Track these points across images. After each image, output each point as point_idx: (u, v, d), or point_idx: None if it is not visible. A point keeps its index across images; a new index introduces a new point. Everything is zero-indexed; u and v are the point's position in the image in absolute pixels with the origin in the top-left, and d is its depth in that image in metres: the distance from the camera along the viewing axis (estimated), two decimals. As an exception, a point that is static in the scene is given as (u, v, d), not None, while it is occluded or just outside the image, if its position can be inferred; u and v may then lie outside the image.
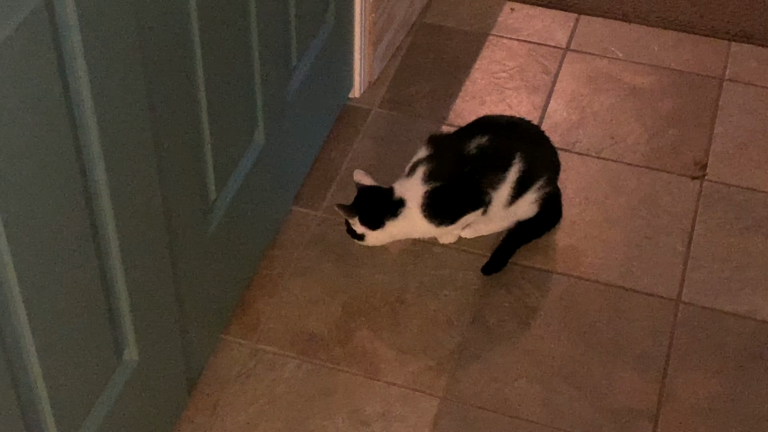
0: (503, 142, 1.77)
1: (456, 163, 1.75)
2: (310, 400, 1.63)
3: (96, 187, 1.20)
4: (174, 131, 1.38)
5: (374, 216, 1.75)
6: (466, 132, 1.81)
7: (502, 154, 1.76)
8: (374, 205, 1.76)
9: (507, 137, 1.79)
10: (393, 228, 1.76)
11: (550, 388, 1.66)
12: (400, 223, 1.75)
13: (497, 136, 1.77)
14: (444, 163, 1.75)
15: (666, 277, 1.82)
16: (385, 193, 1.77)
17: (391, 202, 1.75)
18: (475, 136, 1.77)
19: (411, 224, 1.76)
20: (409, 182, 1.76)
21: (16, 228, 1.05)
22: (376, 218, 1.75)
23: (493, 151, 1.75)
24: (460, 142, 1.77)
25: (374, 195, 1.77)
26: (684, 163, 2.02)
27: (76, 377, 1.26)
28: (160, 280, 1.42)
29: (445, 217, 1.76)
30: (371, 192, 1.78)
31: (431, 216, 1.75)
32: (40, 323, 1.14)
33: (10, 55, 0.98)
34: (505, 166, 1.75)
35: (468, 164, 1.74)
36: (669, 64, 2.24)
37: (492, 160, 1.75)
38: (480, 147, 1.75)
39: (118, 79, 1.18)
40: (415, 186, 1.75)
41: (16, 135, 1.02)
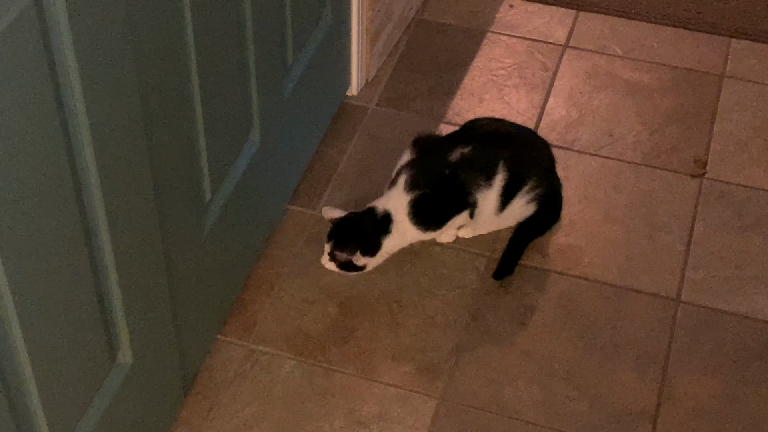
0: (486, 151, 1.75)
1: (438, 169, 1.74)
2: (306, 400, 1.62)
3: (88, 188, 1.19)
4: (168, 130, 1.36)
5: (372, 241, 1.72)
6: (450, 139, 1.79)
7: (485, 163, 1.74)
8: (365, 231, 1.72)
9: (491, 144, 1.77)
10: (389, 244, 1.73)
11: (548, 388, 1.64)
12: (394, 237, 1.73)
13: (481, 145, 1.75)
14: (426, 169, 1.74)
15: (665, 277, 1.81)
16: (369, 215, 1.73)
17: (378, 220, 1.72)
18: (459, 144, 1.75)
19: (403, 235, 1.74)
20: (392, 193, 1.74)
21: (7, 230, 1.04)
22: (374, 242, 1.72)
23: (476, 159, 1.74)
24: (443, 149, 1.75)
25: (358, 221, 1.74)
26: (684, 161, 2.01)
27: (69, 380, 1.25)
28: (155, 281, 1.41)
29: (431, 223, 1.75)
30: (353, 220, 1.74)
31: (418, 223, 1.73)
32: (32, 325, 1.13)
33: (0, 54, 0.97)
34: (489, 175, 1.74)
35: (450, 169, 1.73)
36: (669, 61, 2.22)
37: (476, 167, 1.74)
38: (463, 155, 1.73)
39: (109, 78, 1.17)
40: (398, 196, 1.73)
41: (6, 135, 1.01)
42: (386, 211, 1.72)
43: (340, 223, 1.74)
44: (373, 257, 1.73)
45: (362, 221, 1.73)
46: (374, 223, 1.72)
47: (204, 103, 1.46)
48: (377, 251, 1.72)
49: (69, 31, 1.07)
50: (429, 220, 1.75)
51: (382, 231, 1.72)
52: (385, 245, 1.73)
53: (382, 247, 1.72)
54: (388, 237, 1.72)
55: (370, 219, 1.73)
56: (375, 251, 1.72)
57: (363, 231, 1.72)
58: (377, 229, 1.72)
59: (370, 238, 1.72)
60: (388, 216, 1.72)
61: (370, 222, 1.72)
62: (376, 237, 1.72)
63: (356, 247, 1.71)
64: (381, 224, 1.72)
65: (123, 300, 1.32)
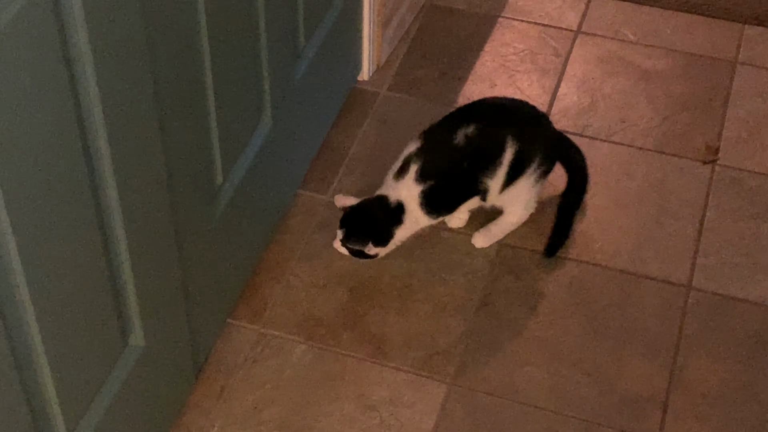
0: (493, 129, 1.74)
1: (447, 157, 1.72)
2: (316, 384, 1.62)
3: (101, 172, 1.19)
4: (180, 115, 1.37)
5: (384, 232, 1.71)
6: (454, 120, 1.76)
7: (493, 142, 1.73)
8: (378, 221, 1.71)
9: (496, 122, 1.76)
10: (401, 233, 1.72)
11: (558, 374, 1.64)
12: (406, 227, 1.72)
13: (486, 124, 1.74)
14: (435, 157, 1.72)
15: (676, 263, 1.80)
16: (382, 204, 1.72)
17: (391, 210, 1.71)
18: (463, 125, 1.72)
19: (415, 223, 1.73)
20: (403, 183, 1.72)
21: (21, 214, 1.04)
22: (386, 233, 1.71)
23: (483, 139, 1.72)
24: (449, 133, 1.73)
25: (371, 210, 1.72)
26: (696, 147, 2.00)
27: (81, 362, 1.25)
28: (167, 265, 1.41)
29: (443, 210, 1.75)
30: (366, 209, 1.73)
31: (430, 212, 1.72)
32: (45, 308, 1.13)
33: (15, 37, 0.97)
34: (498, 153, 1.73)
35: (460, 157, 1.71)
36: (681, 47, 2.21)
37: (484, 148, 1.72)
38: (469, 137, 1.71)
39: (122, 63, 1.17)
40: (409, 186, 1.71)
41: (20, 119, 1.01)
42: (399, 202, 1.71)
43: (353, 211, 1.73)
44: (384, 247, 1.72)
45: (375, 211, 1.72)
46: (387, 212, 1.71)
47: (216, 87, 1.46)
48: (389, 241, 1.72)
49: (83, 15, 1.07)
50: (441, 208, 1.74)
51: (394, 221, 1.71)
52: (397, 235, 1.72)
53: (394, 236, 1.72)
54: (401, 227, 1.72)
55: (383, 208, 1.72)
56: (387, 241, 1.72)
57: (375, 221, 1.71)
58: (390, 219, 1.71)
59: (382, 229, 1.71)
60: (401, 206, 1.71)
61: (382, 212, 1.71)
62: (389, 227, 1.71)
63: (368, 238, 1.70)
64: (394, 214, 1.71)
65: (135, 283, 1.32)
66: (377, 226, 1.71)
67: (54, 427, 1.23)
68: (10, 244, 1.05)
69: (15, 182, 1.02)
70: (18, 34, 0.98)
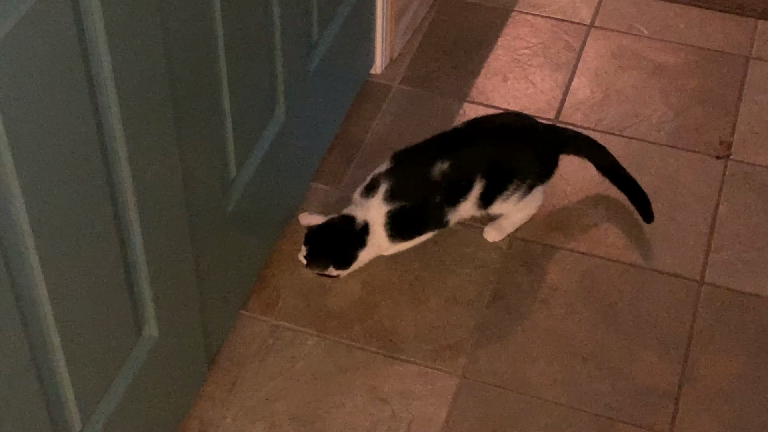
0: (464, 162, 1.70)
1: (420, 186, 1.69)
2: (328, 377, 1.63)
3: (116, 164, 1.20)
4: (194, 107, 1.37)
5: (346, 255, 1.69)
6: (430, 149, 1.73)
7: (462, 177, 1.69)
8: (341, 243, 1.69)
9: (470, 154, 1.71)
10: (364, 256, 1.70)
11: (570, 368, 1.65)
12: (369, 249, 1.70)
13: (458, 156, 1.69)
14: (407, 182, 1.69)
15: (689, 258, 1.80)
16: (347, 225, 1.68)
17: (356, 232, 1.68)
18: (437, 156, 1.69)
19: (377, 247, 1.71)
20: (370, 202, 1.69)
21: (38, 208, 1.05)
22: (349, 256, 1.69)
23: (455, 175, 1.69)
24: (424, 162, 1.70)
25: (335, 232, 1.69)
26: (708, 142, 2.00)
27: (96, 352, 1.26)
28: (180, 256, 1.42)
29: (406, 235, 1.72)
30: (330, 230, 1.70)
31: (392, 235, 1.70)
32: (61, 299, 1.14)
33: (32, 29, 0.97)
34: (464, 191, 1.70)
35: (433, 189, 1.68)
36: (695, 42, 2.21)
37: (455, 185, 1.69)
38: (444, 173, 1.68)
39: (138, 56, 1.18)
40: (376, 205, 1.68)
41: (37, 110, 1.02)
42: (365, 222, 1.68)
43: (317, 230, 1.70)
44: (347, 269, 1.71)
45: (339, 232, 1.69)
46: (351, 234, 1.68)
47: (230, 80, 1.46)
48: (351, 263, 1.70)
49: (99, 7, 1.07)
50: (404, 233, 1.71)
51: (358, 243, 1.68)
52: (360, 257, 1.70)
53: (356, 259, 1.70)
54: (364, 249, 1.69)
55: (347, 230, 1.68)
56: (349, 264, 1.70)
57: (338, 243, 1.69)
58: (354, 241, 1.68)
59: (345, 251, 1.69)
60: (366, 227, 1.68)
61: (347, 233, 1.68)
62: (352, 249, 1.69)
63: (330, 261, 1.69)
64: (358, 236, 1.68)
65: (149, 275, 1.33)
66: (340, 248, 1.69)
67: (69, 417, 1.24)
68: (27, 238, 1.06)
69: (32, 176, 1.03)
70: (35, 27, 0.98)
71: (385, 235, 1.70)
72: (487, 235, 1.81)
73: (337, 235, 1.69)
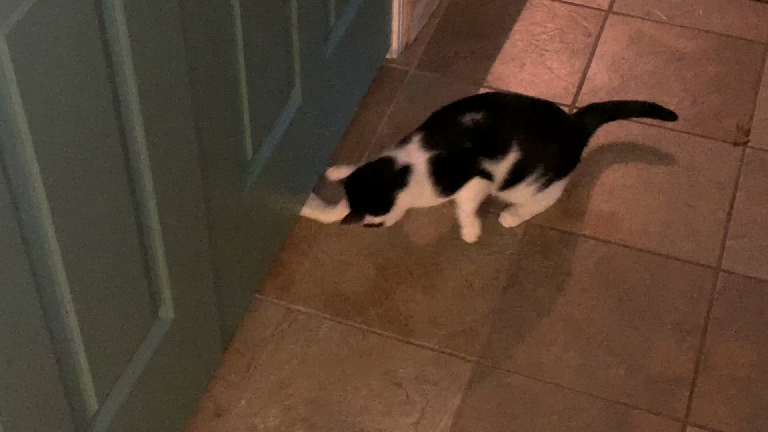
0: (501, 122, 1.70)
1: (451, 132, 1.68)
2: (343, 361, 1.63)
3: (134, 146, 1.20)
4: (212, 90, 1.37)
5: (384, 197, 1.65)
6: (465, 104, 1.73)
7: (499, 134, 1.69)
8: (378, 186, 1.65)
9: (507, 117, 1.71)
10: (405, 198, 1.66)
11: (585, 354, 1.64)
12: (411, 191, 1.65)
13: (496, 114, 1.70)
14: (440, 130, 1.68)
15: (706, 245, 1.79)
16: (386, 165, 1.65)
17: (396, 172, 1.64)
18: (474, 110, 1.69)
19: (420, 191, 1.67)
20: (409, 147, 1.67)
21: (56, 187, 1.05)
22: (387, 198, 1.65)
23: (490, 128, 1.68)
24: (458, 113, 1.70)
25: (373, 174, 1.67)
26: (726, 129, 1.99)
27: (113, 334, 1.26)
28: (196, 239, 1.42)
29: (450, 182, 1.68)
30: (366, 174, 1.67)
31: (437, 182, 1.66)
32: (77, 280, 1.14)
33: (51, 11, 0.97)
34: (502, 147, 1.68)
35: (464, 135, 1.67)
36: (713, 28, 2.19)
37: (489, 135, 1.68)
38: (477, 122, 1.67)
39: (157, 38, 1.17)
40: (415, 151, 1.66)
41: (56, 93, 1.02)
42: (406, 165, 1.65)
43: (354, 176, 1.67)
44: (387, 214, 1.67)
45: (376, 173, 1.66)
46: (391, 174, 1.64)
47: (247, 62, 1.46)
48: (391, 207, 1.65)
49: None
50: (445, 181, 1.67)
51: (398, 184, 1.64)
52: (401, 199, 1.65)
53: (397, 201, 1.65)
54: (405, 190, 1.65)
55: (387, 170, 1.64)
56: (387, 208, 1.65)
57: (372, 186, 1.65)
58: (392, 183, 1.64)
59: (380, 196, 1.65)
60: (407, 169, 1.64)
61: (386, 173, 1.64)
62: (390, 192, 1.64)
63: (364, 212, 1.65)
64: (399, 176, 1.64)
65: (166, 256, 1.33)
66: (378, 190, 1.65)
67: (85, 398, 1.24)
68: (46, 221, 1.06)
69: (50, 156, 1.03)
70: (55, 11, 0.98)
71: (429, 183, 1.66)
72: (503, 220, 1.81)
73: (374, 180, 1.66)
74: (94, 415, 1.27)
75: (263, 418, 1.56)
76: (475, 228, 1.77)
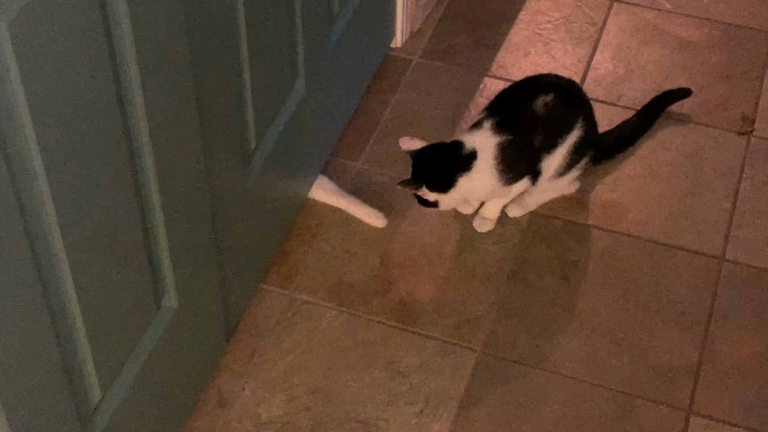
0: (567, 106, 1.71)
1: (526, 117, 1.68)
2: (347, 350, 1.63)
3: (137, 136, 1.20)
4: (215, 79, 1.37)
5: (444, 176, 1.65)
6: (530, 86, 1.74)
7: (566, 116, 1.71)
8: (442, 165, 1.66)
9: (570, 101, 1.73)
10: (465, 184, 1.66)
11: (589, 343, 1.64)
12: (473, 177, 1.65)
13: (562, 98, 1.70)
14: (513, 113, 1.69)
15: (710, 235, 1.79)
16: (454, 148, 1.66)
17: (462, 156, 1.65)
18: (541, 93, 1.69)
19: (482, 179, 1.66)
20: (479, 132, 1.68)
21: (58, 177, 1.05)
22: (447, 178, 1.65)
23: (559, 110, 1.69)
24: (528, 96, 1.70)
25: (439, 153, 1.67)
26: (731, 118, 1.98)
27: (116, 323, 1.26)
28: (200, 229, 1.42)
29: (510, 174, 1.67)
30: (434, 151, 1.68)
31: (504, 170, 1.66)
32: (81, 269, 1.14)
33: (54, 2, 0.97)
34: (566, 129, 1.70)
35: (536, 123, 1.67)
36: (719, 17, 2.18)
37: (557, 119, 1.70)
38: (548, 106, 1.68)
39: (160, 27, 1.17)
40: (485, 135, 1.66)
41: (58, 81, 1.01)
42: (474, 150, 1.65)
43: (422, 152, 1.68)
44: (444, 194, 1.66)
45: (444, 152, 1.66)
46: (457, 157, 1.64)
47: (251, 51, 1.45)
48: (450, 188, 1.65)
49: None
50: (509, 169, 1.67)
51: (462, 167, 1.64)
52: (461, 183, 1.65)
53: (457, 184, 1.65)
54: (468, 175, 1.65)
55: (455, 152, 1.65)
56: (447, 188, 1.65)
57: (438, 163, 1.65)
58: (456, 165, 1.64)
59: (443, 173, 1.65)
60: (473, 153, 1.64)
61: (453, 155, 1.65)
62: (453, 173, 1.64)
63: (422, 182, 1.65)
64: (464, 160, 1.64)
65: (169, 246, 1.33)
66: (438, 169, 1.65)
67: (89, 387, 1.24)
68: (49, 211, 1.06)
69: (52, 145, 1.03)
70: None
71: (495, 170, 1.66)
72: (508, 210, 1.81)
73: (441, 156, 1.66)
74: (97, 405, 1.27)
75: (267, 407, 1.56)
76: (494, 221, 1.78)
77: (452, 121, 1.96)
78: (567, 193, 1.82)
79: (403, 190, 1.70)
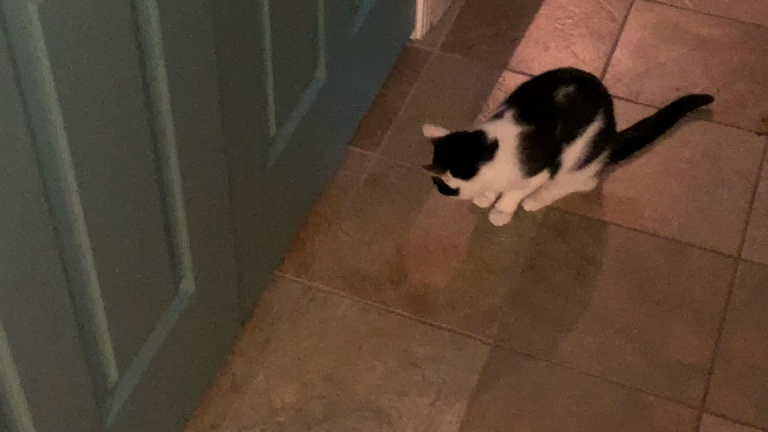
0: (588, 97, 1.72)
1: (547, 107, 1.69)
2: (360, 339, 1.64)
3: (160, 121, 1.20)
4: (237, 66, 1.37)
5: (468, 164, 1.65)
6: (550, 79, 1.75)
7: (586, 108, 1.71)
8: (465, 152, 1.66)
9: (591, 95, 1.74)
10: (487, 173, 1.66)
11: (602, 339, 1.64)
12: (495, 167, 1.66)
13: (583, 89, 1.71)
14: (535, 104, 1.70)
15: (726, 234, 1.79)
16: (477, 137, 1.67)
17: (485, 145, 1.65)
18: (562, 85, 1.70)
19: (503, 169, 1.67)
20: (500, 122, 1.69)
21: (83, 160, 1.06)
22: (470, 165, 1.65)
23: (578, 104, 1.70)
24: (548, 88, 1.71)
25: (463, 141, 1.68)
26: (750, 118, 1.98)
27: (134, 306, 1.27)
28: (219, 214, 1.43)
29: (531, 165, 1.68)
30: (458, 139, 1.68)
31: (525, 160, 1.67)
32: (101, 252, 1.15)
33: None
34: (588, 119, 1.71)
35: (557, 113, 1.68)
36: (740, 16, 2.18)
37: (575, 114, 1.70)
38: (569, 96, 1.69)
39: (185, 14, 1.18)
40: (507, 125, 1.67)
41: (85, 62, 1.02)
42: (496, 139, 1.66)
43: (445, 139, 1.68)
44: (467, 181, 1.66)
45: (467, 140, 1.67)
46: (480, 146, 1.65)
47: (273, 39, 1.46)
48: (472, 176, 1.65)
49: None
50: (530, 160, 1.68)
51: (485, 156, 1.65)
52: (483, 172, 1.65)
53: (479, 172, 1.65)
54: (490, 164, 1.65)
55: (478, 141, 1.66)
56: (470, 175, 1.65)
57: (462, 150, 1.66)
58: (480, 153, 1.65)
59: (467, 160, 1.65)
60: (496, 143, 1.65)
61: (476, 143, 1.66)
62: (475, 160, 1.65)
63: (446, 167, 1.65)
64: (487, 149, 1.65)
65: (188, 231, 1.33)
66: (462, 156, 1.66)
67: (106, 368, 1.25)
68: (72, 191, 1.06)
69: (77, 128, 1.04)
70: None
71: (516, 161, 1.67)
72: (525, 204, 1.81)
73: (464, 144, 1.67)
74: (114, 386, 1.28)
75: (280, 394, 1.57)
76: (510, 215, 1.78)
77: (470, 114, 1.96)
78: (584, 190, 1.82)
79: (427, 175, 1.70)
